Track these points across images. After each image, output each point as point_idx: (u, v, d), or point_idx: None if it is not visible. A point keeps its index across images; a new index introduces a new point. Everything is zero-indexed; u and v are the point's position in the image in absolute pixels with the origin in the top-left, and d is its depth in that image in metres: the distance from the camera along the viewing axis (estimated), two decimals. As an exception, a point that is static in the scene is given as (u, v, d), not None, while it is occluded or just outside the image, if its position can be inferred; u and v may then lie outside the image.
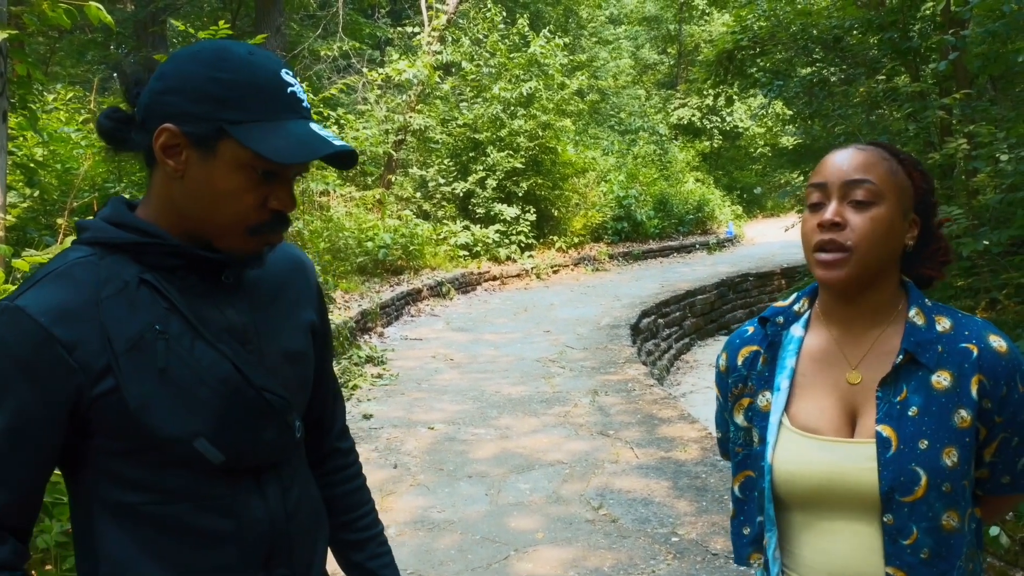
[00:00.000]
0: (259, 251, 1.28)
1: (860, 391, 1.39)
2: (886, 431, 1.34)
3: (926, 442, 1.32)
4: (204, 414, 1.21)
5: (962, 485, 1.33)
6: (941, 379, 1.35)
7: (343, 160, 1.25)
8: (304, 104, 1.24)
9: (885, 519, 1.34)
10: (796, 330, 1.48)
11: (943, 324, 1.38)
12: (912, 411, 1.34)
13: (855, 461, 1.35)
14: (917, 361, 1.36)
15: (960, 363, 1.35)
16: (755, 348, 1.52)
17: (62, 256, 1.21)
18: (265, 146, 1.17)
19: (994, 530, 3.37)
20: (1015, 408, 1.35)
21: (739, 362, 1.53)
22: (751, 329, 1.55)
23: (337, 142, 1.21)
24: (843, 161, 1.38)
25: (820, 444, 1.39)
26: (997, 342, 1.36)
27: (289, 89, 1.22)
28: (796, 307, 1.51)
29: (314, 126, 1.22)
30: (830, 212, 1.35)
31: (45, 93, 7.74)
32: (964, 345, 1.35)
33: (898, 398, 1.36)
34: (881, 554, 1.35)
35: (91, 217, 1.29)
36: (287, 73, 1.24)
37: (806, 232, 1.39)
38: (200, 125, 1.18)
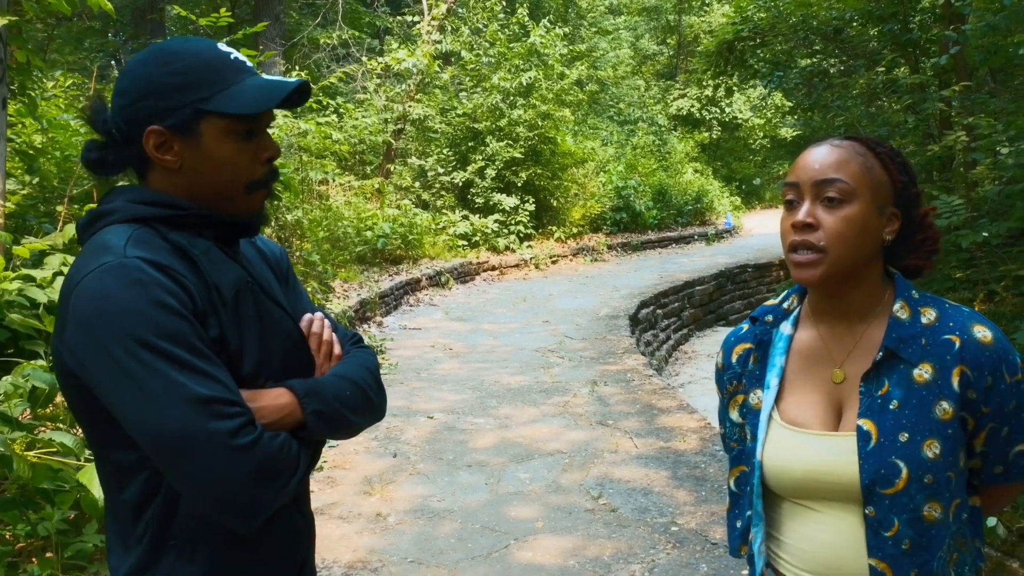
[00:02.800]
0: (261, 207, 1.41)
1: (845, 387, 1.42)
2: (867, 425, 1.36)
3: (906, 435, 1.34)
4: (274, 360, 1.37)
5: (946, 476, 1.34)
6: (923, 372, 1.35)
7: (302, 93, 1.37)
8: (248, 64, 1.36)
9: (867, 511, 1.35)
10: (786, 328, 1.51)
11: (928, 316, 1.39)
12: (893, 404, 1.36)
13: (837, 455, 1.38)
14: (898, 356, 1.37)
15: (942, 355, 1.35)
16: (748, 346, 1.55)
17: (116, 233, 1.26)
18: (238, 106, 1.30)
19: (991, 521, 3.38)
20: (1002, 398, 1.35)
21: (733, 360, 1.56)
22: (745, 327, 1.58)
23: (290, 80, 1.34)
24: (815, 160, 1.38)
25: (805, 437, 1.41)
26: (982, 332, 1.35)
27: (232, 56, 1.35)
28: (785, 305, 1.53)
29: (265, 76, 1.35)
30: (802, 213, 1.36)
31: (44, 80, 7.71)
32: (947, 337, 1.36)
33: (880, 392, 1.37)
34: (864, 545, 1.37)
35: (91, 206, 1.37)
36: (223, 45, 1.36)
37: (783, 231, 1.41)
38: (178, 115, 1.29)
